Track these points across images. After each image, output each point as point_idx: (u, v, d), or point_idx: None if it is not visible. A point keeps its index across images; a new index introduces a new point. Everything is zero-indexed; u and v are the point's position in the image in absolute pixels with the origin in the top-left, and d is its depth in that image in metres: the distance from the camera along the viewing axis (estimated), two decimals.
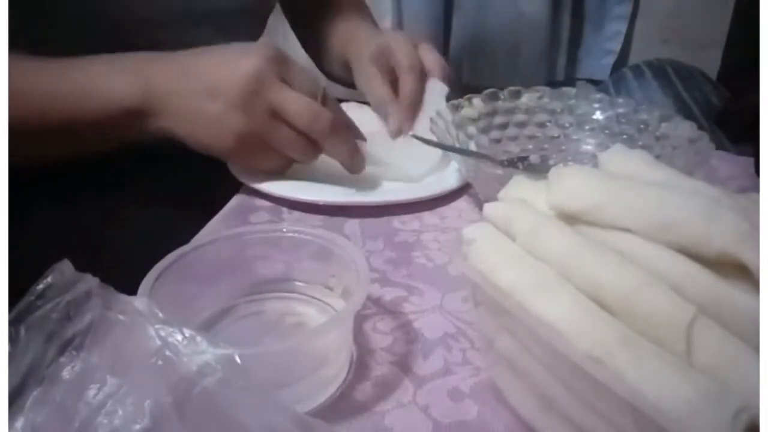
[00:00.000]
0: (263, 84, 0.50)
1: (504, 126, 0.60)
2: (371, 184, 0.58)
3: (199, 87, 0.50)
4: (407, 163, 0.59)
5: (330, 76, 0.82)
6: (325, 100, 0.53)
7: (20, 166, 0.40)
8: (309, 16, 0.80)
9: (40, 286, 0.28)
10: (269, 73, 0.50)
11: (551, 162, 0.59)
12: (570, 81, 1.27)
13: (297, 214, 0.54)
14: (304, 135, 0.51)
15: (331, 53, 0.77)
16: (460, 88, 0.63)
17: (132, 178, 0.61)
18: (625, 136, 0.57)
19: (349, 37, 0.74)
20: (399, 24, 1.32)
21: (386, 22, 1.31)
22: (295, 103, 0.50)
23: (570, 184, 0.31)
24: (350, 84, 0.76)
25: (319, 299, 0.41)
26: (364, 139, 0.58)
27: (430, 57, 0.66)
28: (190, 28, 0.54)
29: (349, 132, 0.56)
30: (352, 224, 0.53)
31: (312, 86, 0.53)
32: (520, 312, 0.27)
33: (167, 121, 0.51)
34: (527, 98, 0.61)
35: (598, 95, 0.60)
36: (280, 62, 0.51)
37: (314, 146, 0.53)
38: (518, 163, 0.55)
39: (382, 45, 0.66)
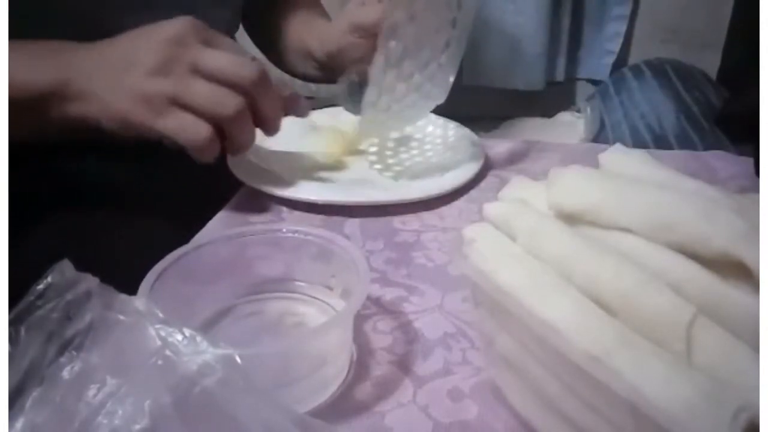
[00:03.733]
0: (183, 46, 0.48)
1: None
2: (371, 184, 0.58)
3: (116, 61, 0.49)
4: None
5: (289, 71, 0.81)
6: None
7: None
8: (262, 10, 0.80)
9: (40, 286, 0.28)
10: (190, 37, 0.48)
11: None
12: (570, 81, 1.26)
13: (297, 214, 0.54)
14: (229, 88, 0.49)
15: (289, 45, 0.77)
16: (460, 89, 0.63)
17: (132, 178, 0.61)
18: None
19: (308, 28, 0.74)
20: None
21: None
22: (217, 56, 0.48)
23: (570, 184, 0.31)
24: (309, 77, 0.76)
25: (319, 299, 0.41)
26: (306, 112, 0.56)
27: None
28: (159, 15, 0.53)
29: (278, 90, 0.53)
30: (352, 224, 0.53)
31: (237, 48, 0.51)
32: (520, 312, 0.27)
33: (86, 105, 0.49)
34: None
35: None
36: (202, 29, 0.50)
37: (241, 98, 0.49)
38: None
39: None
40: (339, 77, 0.65)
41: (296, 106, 0.55)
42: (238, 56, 0.49)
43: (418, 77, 0.56)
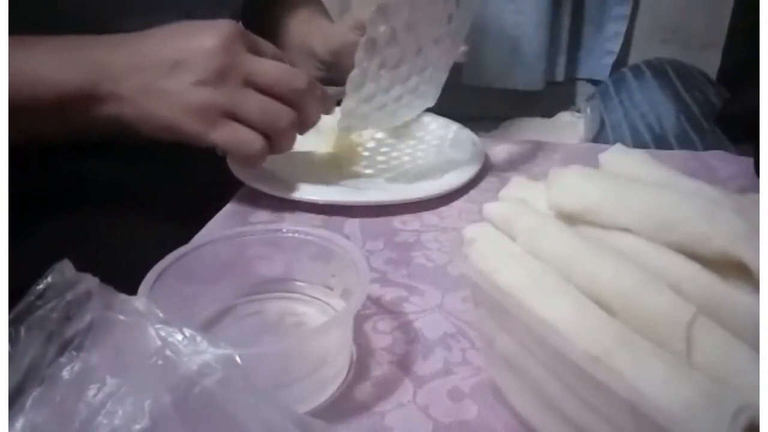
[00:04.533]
0: (233, 55, 0.48)
1: None
2: (371, 184, 0.58)
3: (158, 65, 0.48)
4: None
5: None
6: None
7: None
8: (261, 9, 0.80)
9: (40, 286, 0.28)
10: (238, 44, 0.48)
11: None
12: (570, 81, 1.26)
13: (297, 214, 0.54)
14: (279, 100, 0.50)
15: (290, 44, 0.77)
16: (459, 88, 0.63)
17: (132, 178, 0.61)
18: None
19: (310, 27, 0.74)
20: None
21: None
22: (270, 68, 0.49)
23: (570, 184, 0.31)
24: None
25: (319, 299, 0.41)
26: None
27: None
28: (160, 17, 0.53)
29: (321, 89, 0.54)
30: (352, 224, 0.53)
31: (280, 55, 0.52)
32: (520, 312, 0.27)
33: (118, 106, 0.48)
34: None
35: None
36: (246, 34, 0.50)
37: (293, 111, 0.50)
38: None
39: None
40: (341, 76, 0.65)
41: (329, 106, 0.56)
42: (287, 66, 0.50)
43: (405, 69, 0.55)
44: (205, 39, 0.48)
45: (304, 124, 0.53)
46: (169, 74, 0.48)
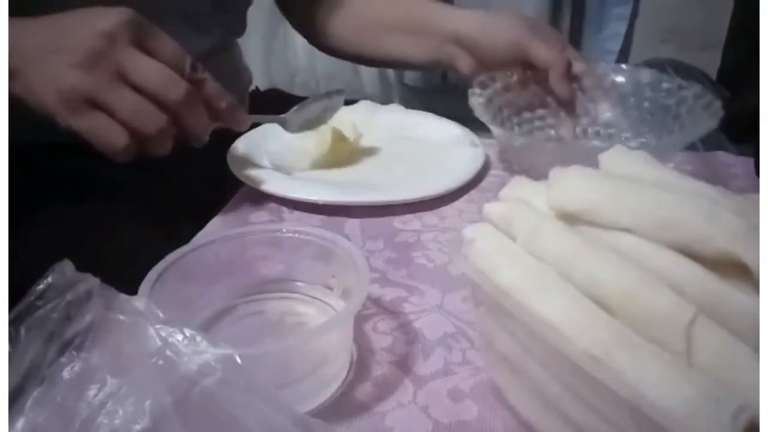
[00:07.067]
0: (113, 44, 0.45)
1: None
2: (371, 184, 0.58)
3: (48, 43, 0.46)
4: None
5: (341, 51, 0.79)
6: (195, 72, 0.49)
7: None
8: None
9: (41, 286, 0.28)
10: (122, 34, 0.46)
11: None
12: None
13: (297, 214, 0.54)
14: (153, 103, 0.47)
15: (391, 24, 0.74)
16: (460, 89, 0.63)
17: (132, 178, 0.61)
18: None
19: (424, 8, 0.72)
20: None
21: None
22: (145, 67, 0.46)
23: (570, 185, 0.31)
24: (376, 60, 0.74)
25: (319, 299, 0.41)
26: (244, 121, 0.54)
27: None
28: (161, 25, 0.52)
29: (229, 102, 0.51)
30: (352, 224, 0.53)
31: (175, 56, 0.48)
32: (520, 312, 0.27)
33: (15, 84, 0.46)
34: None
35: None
36: (139, 27, 0.47)
37: (165, 117, 0.47)
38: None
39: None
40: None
41: (234, 119, 0.53)
42: (169, 72, 0.47)
43: None
44: (93, 22, 0.46)
45: (184, 135, 0.50)
46: (54, 52, 0.46)
